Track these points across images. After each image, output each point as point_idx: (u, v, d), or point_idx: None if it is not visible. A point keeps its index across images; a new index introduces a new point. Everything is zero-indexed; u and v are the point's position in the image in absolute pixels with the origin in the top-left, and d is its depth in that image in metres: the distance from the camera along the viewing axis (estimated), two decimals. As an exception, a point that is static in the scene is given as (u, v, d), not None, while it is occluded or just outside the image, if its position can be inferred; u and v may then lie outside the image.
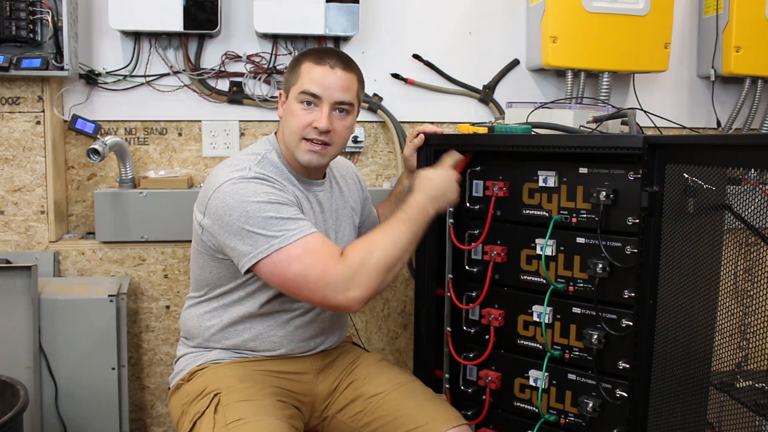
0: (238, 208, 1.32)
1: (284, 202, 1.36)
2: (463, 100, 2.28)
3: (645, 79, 2.35)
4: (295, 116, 1.43)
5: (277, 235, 1.31)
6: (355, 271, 1.30)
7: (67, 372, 1.90)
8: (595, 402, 1.49)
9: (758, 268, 1.14)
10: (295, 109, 1.43)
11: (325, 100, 1.42)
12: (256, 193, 1.34)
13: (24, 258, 1.98)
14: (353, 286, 1.29)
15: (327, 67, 1.42)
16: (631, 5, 2.09)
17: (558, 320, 1.55)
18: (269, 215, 1.32)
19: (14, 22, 1.88)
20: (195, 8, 1.98)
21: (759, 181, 1.14)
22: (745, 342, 1.18)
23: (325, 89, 1.42)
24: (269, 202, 1.33)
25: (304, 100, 1.42)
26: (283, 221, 1.32)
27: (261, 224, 1.31)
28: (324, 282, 1.29)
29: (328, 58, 1.43)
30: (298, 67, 1.45)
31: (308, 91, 1.41)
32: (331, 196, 1.59)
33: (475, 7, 2.26)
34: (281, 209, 1.34)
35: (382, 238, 1.36)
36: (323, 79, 1.41)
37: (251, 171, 1.39)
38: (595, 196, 1.45)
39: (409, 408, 1.47)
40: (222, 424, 1.32)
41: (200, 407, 1.39)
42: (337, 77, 1.43)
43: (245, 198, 1.33)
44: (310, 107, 1.42)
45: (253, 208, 1.32)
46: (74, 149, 2.11)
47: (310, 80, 1.42)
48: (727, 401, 1.25)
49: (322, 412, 1.56)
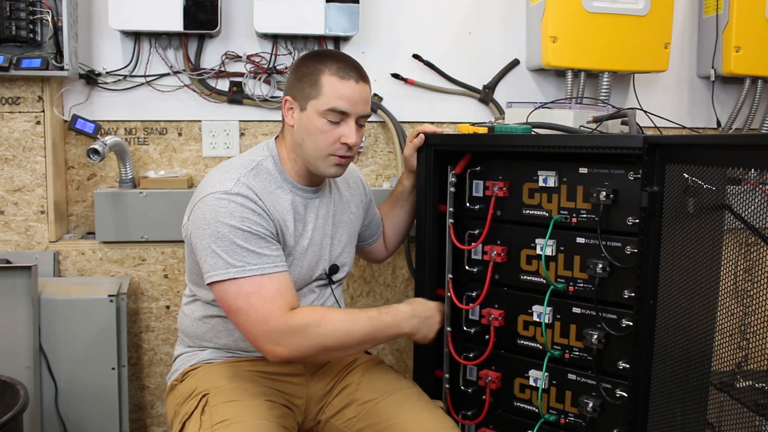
0: (212, 225, 1.34)
1: (256, 231, 1.35)
2: (463, 100, 2.28)
3: (645, 79, 2.35)
4: (322, 133, 1.41)
5: (236, 265, 1.32)
6: (292, 332, 1.31)
7: (67, 372, 1.90)
8: (595, 402, 1.49)
9: (758, 268, 1.14)
10: (320, 125, 1.41)
11: (353, 115, 1.42)
12: (233, 215, 1.34)
13: (24, 258, 1.98)
14: (283, 344, 1.31)
15: (352, 81, 1.40)
16: (631, 5, 2.09)
17: (558, 320, 1.55)
18: (236, 242, 1.33)
19: (14, 22, 1.88)
20: (195, 8, 1.98)
21: (759, 181, 1.14)
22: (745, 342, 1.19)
23: (354, 105, 1.41)
24: (241, 228, 1.33)
25: (332, 117, 1.40)
26: (246, 252, 1.32)
27: (226, 248, 1.32)
28: (260, 328, 1.31)
29: (350, 70, 1.41)
30: (316, 78, 1.41)
31: (338, 109, 1.39)
32: (329, 202, 1.58)
33: (475, 7, 2.26)
34: (250, 239, 1.33)
35: (340, 322, 1.35)
36: (351, 95, 1.40)
37: (239, 184, 1.38)
38: (595, 196, 1.45)
39: (402, 416, 1.46)
40: (208, 426, 1.32)
41: (189, 408, 1.40)
42: (361, 91, 1.42)
43: (220, 218, 1.34)
44: (335, 123, 1.41)
45: (224, 230, 1.33)
46: (74, 149, 2.11)
47: (338, 97, 1.39)
48: (727, 401, 1.25)
49: (317, 414, 1.55)
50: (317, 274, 1.54)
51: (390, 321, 1.41)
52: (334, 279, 1.58)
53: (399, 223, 1.82)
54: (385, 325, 1.40)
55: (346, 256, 1.63)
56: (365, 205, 1.73)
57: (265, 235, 1.36)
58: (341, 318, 1.36)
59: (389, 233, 1.84)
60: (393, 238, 1.85)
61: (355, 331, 1.35)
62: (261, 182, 1.43)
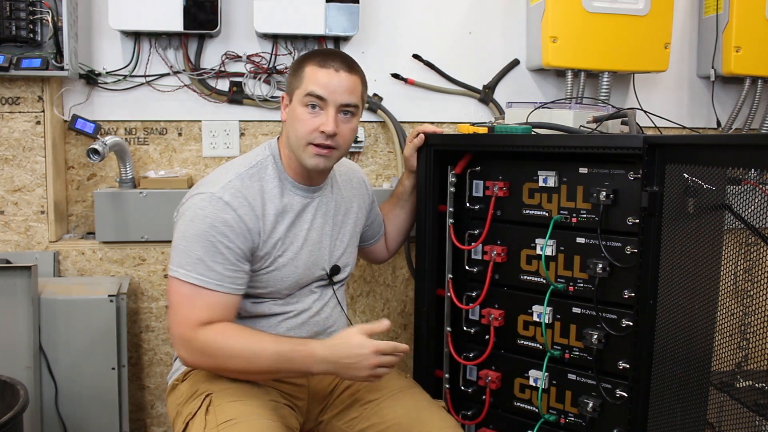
0: (185, 222, 1.37)
1: (218, 243, 1.35)
2: (463, 100, 2.28)
3: (645, 79, 2.35)
4: (301, 121, 1.42)
5: (186, 267, 1.35)
6: (195, 342, 1.34)
7: (67, 372, 1.89)
8: (595, 402, 1.49)
9: (758, 268, 1.14)
10: (300, 113, 1.42)
11: (331, 102, 1.41)
12: (204, 220, 1.36)
13: (24, 258, 1.98)
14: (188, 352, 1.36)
15: (332, 69, 1.41)
16: (631, 5, 2.09)
17: (558, 320, 1.55)
18: (194, 247, 1.35)
19: (14, 22, 1.88)
20: (195, 8, 1.98)
21: (759, 181, 1.14)
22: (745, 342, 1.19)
23: (331, 92, 1.41)
24: (204, 236, 1.35)
25: (309, 103, 1.41)
26: (198, 261, 1.35)
27: (185, 248, 1.36)
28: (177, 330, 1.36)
29: (332, 60, 1.43)
30: (301, 70, 1.44)
31: (313, 93, 1.40)
32: (330, 202, 1.58)
33: (475, 7, 2.26)
34: (209, 250, 1.35)
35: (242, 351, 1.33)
36: (328, 81, 1.41)
37: (227, 187, 1.39)
38: (595, 196, 1.45)
39: (404, 415, 1.46)
40: (213, 425, 1.32)
41: (192, 408, 1.39)
42: (342, 79, 1.42)
43: (195, 217, 1.36)
44: (315, 111, 1.42)
45: (191, 231, 1.36)
46: (74, 149, 2.11)
47: (314, 83, 1.41)
48: (727, 401, 1.25)
49: (318, 414, 1.55)
50: (317, 274, 1.54)
51: (300, 361, 1.34)
52: (335, 280, 1.58)
53: (400, 223, 1.82)
54: (292, 363, 1.34)
55: (348, 257, 1.62)
56: (368, 205, 1.73)
57: (225, 250, 1.37)
58: (245, 346, 1.33)
59: (390, 234, 1.84)
60: (394, 238, 1.85)
61: (257, 363, 1.34)
62: (257, 183, 1.44)
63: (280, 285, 1.47)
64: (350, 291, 2.20)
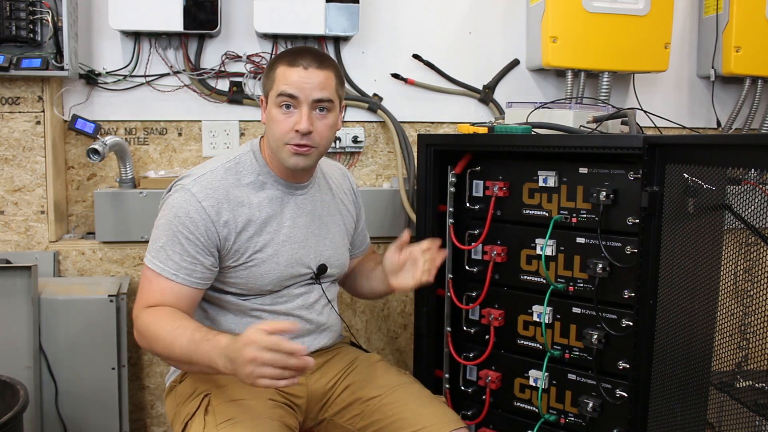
0: (160, 212, 1.44)
1: (179, 233, 1.38)
2: (463, 100, 2.28)
3: (645, 79, 2.35)
4: (276, 122, 1.42)
5: (151, 252, 1.41)
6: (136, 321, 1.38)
7: (67, 372, 1.89)
8: (595, 402, 1.49)
9: (758, 268, 1.14)
10: (275, 114, 1.42)
11: (303, 100, 1.40)
12: (172, 209, 1.40)
13: (24, 258, 1.98)
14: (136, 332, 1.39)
15: (300, 68, 1.41)
16: (631, 5, 2.09)
17: (558, 320, 1.55)
18: (160, 236, 1.40)
19: (14, 22, 1.88)
20: (195, 8, 1.98)
21: (759, 181, 1.14)
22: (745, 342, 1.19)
23: (301, 89, 1.40)
24: (170, 227, 1.39)
25: (282, 103, 1.41)
26: (161, 250, 1.39)
27: (155, 234, 1.41)
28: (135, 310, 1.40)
29: (301, 58, 1.42)
30: (272, 71, 1.44)
31: (285, 92, 1.40)
32: (316, 200, 1.56)
33: (475, 7, 2.26)
34: (171, 240, 1.38)
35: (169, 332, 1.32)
36: (299, 80, 1.40)
37: (199, 180, 1.42)
38: (595, 196, 1.45)
39: (406, 411, 1.46)
40: (212, 425, 1.32)
41: (191, 408, 1.39)
42: (312, 76, 1.41)
43: (166, 207, 1.42)
44: (289, 110, 1.41)
45: (163, 219, 1.41)
46: (74, 149, 2.11)
47: (285, 82, 1.40)
48: (727, 401, 1.25)
49: (318, 413, 1.55)
50: (301, 272, 1.52)
51: (205, 351, 1.24)
52: (322, 279, 1.57)
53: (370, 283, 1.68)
54: (201, 352, 1.26)
55: (340, 257, 1.60)
56: (357, 212, 1.70)
57: (185, 240, 1.38)
58: (166, 331, 1.32)
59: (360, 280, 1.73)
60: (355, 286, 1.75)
61: (174, 348, 1.31)
62: (232, 177, 1.44)
63: (260, 282, 1.46)
64: (350, 291, 2.20)
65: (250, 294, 1.48)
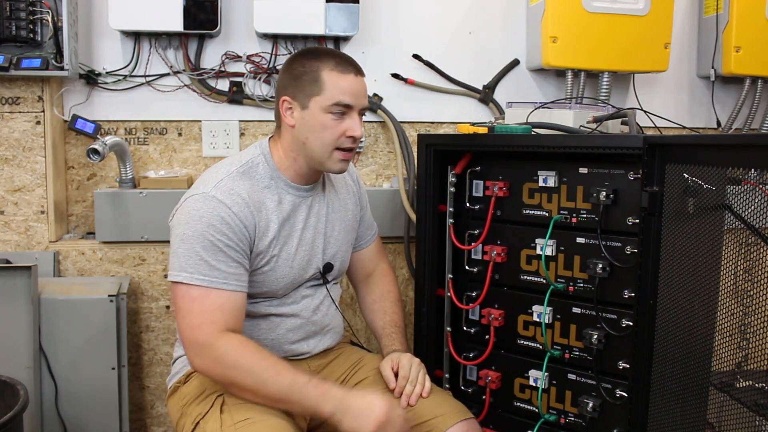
0: (182, 225, 1.37)
1: (218, 241, 1.35)
2: (463, 100, 2.28)
3: (645, 79, 2.35)
4: (327, 128, 1.42)
5: (188, 270, 1.34)
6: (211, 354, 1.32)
7: (67, 372, 1.89)
8: (595, 402, 1.49)
9: (758, 268, 1.14)
10: (324, 120, 1.41)
11: (356, 107, 1.43)
12: (201, 219, 1.35)
13: (24, 258, 1.98)
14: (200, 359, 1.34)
15: (351, 75, 1.42)
16: (631, 5, 2.09)
17: (558, 320, 1.55)
18: (195, 248, 1.34)
19: (14, 22, 1.88)
20: (195, 8, 1.98)
21: (759, 181, 1.14)
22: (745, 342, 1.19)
23: (357, 98, 1.42)
24: (204, 235, 1.34)
25: (336, 111, 1.41)
26: (201, 261, 1.34)
27: (186, 251, 1.35)
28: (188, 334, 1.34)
29: (347, 64, 1.43)
30: (316, 75, 1.41)
31: (342, 102, 1.40)
32: (323, 200, 1.57)
33: (475, 7, 2.26)
34: (209, 249, 1.34)
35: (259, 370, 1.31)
36: (353, 88, 1.42)
37: (220, 185, 1.39)
38: (595, 196, 1.45)
39: (416, 405, 1.46)
40: (229, 423, 1.32)
41: (203, 408, 1.39)
42: (361, 83, 1.44)
43: (191, 219, 1.36)
44: (339, 117, 1.42)
45: (190, 232, 1.35)
46: (74, 149, 2.11)
47: (341, 91, 1.40)
48: (727, 401, 1.25)
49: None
50: (310, 273, 1.53)
51: (313, 397, 1.31)
52: (328, 278, 1.58)
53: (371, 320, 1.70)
54: (304, 396, 1.31)
55: (343, 255, 1.61)
56: (361, 202, 1.71)
57: (226, 248, 1.36)
58: (263, 367, 1.32)
59: (363, 309, 1.73)
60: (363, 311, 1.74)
61: (269, 386, 1.32)
62: (248, 181, 1.44)
63: (276, 285, 1.47)
64: (350, 291, 2.20)
65: (260, 297, 1.48)
